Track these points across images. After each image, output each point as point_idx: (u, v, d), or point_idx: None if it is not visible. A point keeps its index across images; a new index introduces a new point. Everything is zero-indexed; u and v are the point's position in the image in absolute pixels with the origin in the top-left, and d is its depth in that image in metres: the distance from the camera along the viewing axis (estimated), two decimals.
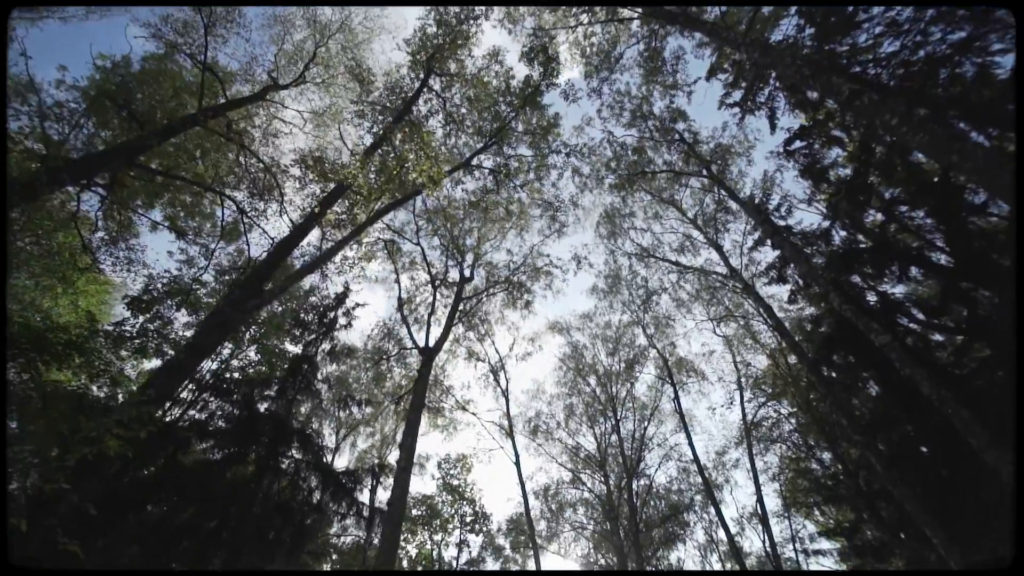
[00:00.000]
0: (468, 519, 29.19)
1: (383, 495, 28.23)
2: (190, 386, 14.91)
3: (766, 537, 18.35)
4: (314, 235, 14.50)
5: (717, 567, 31.76)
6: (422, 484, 57.87)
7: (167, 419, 10.57)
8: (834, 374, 14.91)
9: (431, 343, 14.48)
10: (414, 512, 29.04)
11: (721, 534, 28.31)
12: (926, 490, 10.70)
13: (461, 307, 17.14)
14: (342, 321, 15.64)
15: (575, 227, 20.50)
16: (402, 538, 29.43)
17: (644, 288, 21.08)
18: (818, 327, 14.69)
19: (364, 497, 17.65)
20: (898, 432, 12.79)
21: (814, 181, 14.91)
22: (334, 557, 26.35)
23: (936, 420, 11.26)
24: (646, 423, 25.89)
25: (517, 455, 21.09)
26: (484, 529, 29.14)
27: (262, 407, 11.71)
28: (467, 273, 17.84)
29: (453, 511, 29.32)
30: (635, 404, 27.11)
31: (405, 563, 28.42)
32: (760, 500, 18.49)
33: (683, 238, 20.80)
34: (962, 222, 12.61)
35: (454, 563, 27.47)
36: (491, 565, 30.79)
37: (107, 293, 20.39)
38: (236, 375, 16.41)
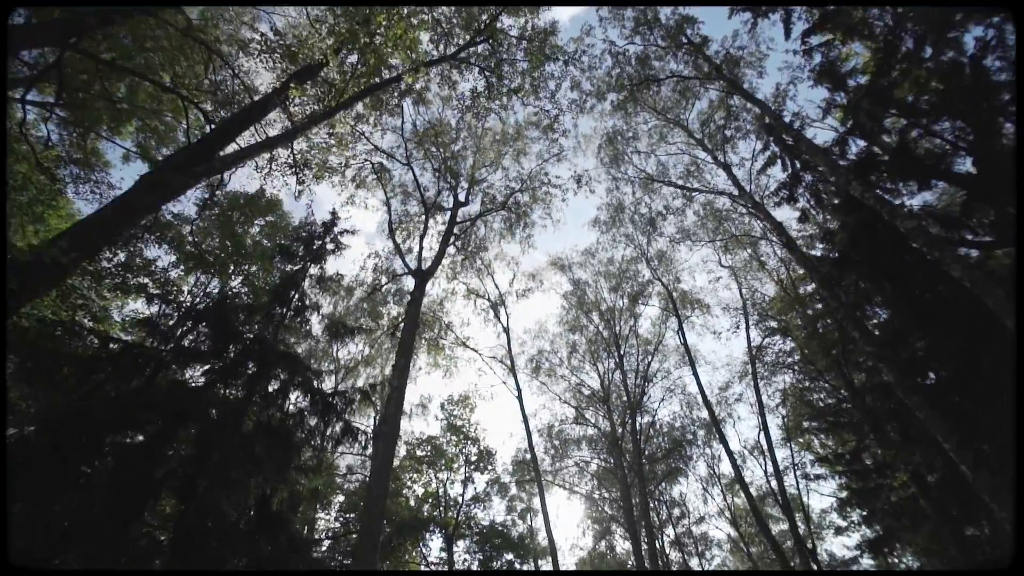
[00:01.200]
0: (473, 458, 29.52)
1: None
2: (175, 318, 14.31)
3: (770, 463, 18.37)
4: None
5: (719, 499, 32.56)
6: (425, 425, 58.96)
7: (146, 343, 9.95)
8: (843, 297, 14.33)
9: (424, 267, 13.82)
10: (419, 452, 29.36)
11: (723, 467, 28.71)
12: (940, 397, 10.29)
13: (456, 231, 16.36)
14: (330, 247, 14.94)
15: (575, 153, 19.49)
16: (408, 478, 29.94)
17: (648, 215, 20.21)
18: (831, 243, 13.97)
19: (367, 430, 17.46)
20: (909, 350, 12.30)
21: (832, 83, 13.75)
22: (340, 499, 26.80)
23: (957, 323, 10.72)
24: (649, 358, 25.67)
25: (519, 389, 20.93)
26: (489, 467, 29.54)
27: (247, 331, 11.13)
28: (462, 197, 16.97)
29: (457, 450, 29.62)
30: (638, 340, 26.84)
31: (412, 502, 28.92)
32: (764, 426, 18.38)
33: (689, 162, 19.75)
34: (992, 119, 11.64)
35: (460, 499, 27.97)
36: (497, 502, 31.43)
37: None
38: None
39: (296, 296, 13.29)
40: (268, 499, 7.81)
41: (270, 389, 10.71)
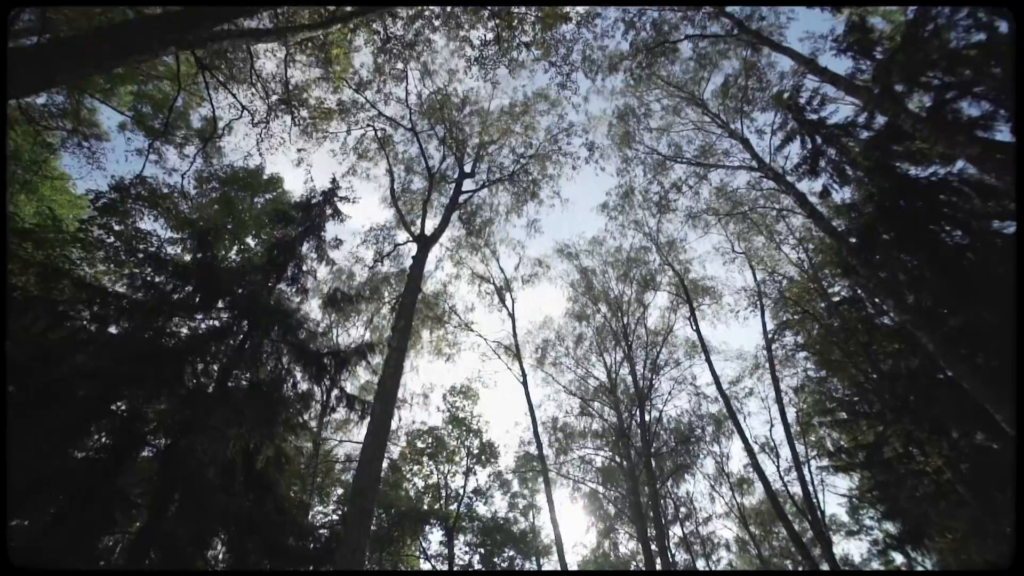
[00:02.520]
0: (475, 450, 28.79)
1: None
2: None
3: (787, 451, 17.53)
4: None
5: (727, 496, 31.58)
6: (427, 415, 58.24)
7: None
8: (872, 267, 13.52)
9: (427, 232, 13.14)
10: (419, 444, 28.61)
11: (733, 465, 27.79)
12: (990, 364, 9.48)
13: (461, 200, 15.68)
14: (329, 212, 14.30)
15: (585, 132, 18.81)
16: (408, 470, 29.15)
17: (660, 193, 19.45)
18: (857, 213, 13.21)
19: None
20: (948, 322, 11.47)
21: (860, 46, 13.02)
22: (339, 491, 25.95)
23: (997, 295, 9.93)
24: (658, 348, 24.86)
25: (524, 375, 20.16)
26: (492, 460, 28.78)
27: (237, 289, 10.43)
28: (468, 169, 16.30)
29: (459, 443, 28.89)
30: (647, 331, 26.03)
31: (412, 494, 28.15)
32: (782, 412, 17.54)
33: (703, 144, 19.03)
34: None
35: (461, 492, 27.18)
36: (499, 498, 30.61)
37: (80, 208, 19.00)
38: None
39: (293, 263, 12.61)
40: (251, 455, 7.09)
41: (263, 354, 10.01)
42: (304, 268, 12.84)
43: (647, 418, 24.74)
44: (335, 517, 25.35)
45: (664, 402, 26.66)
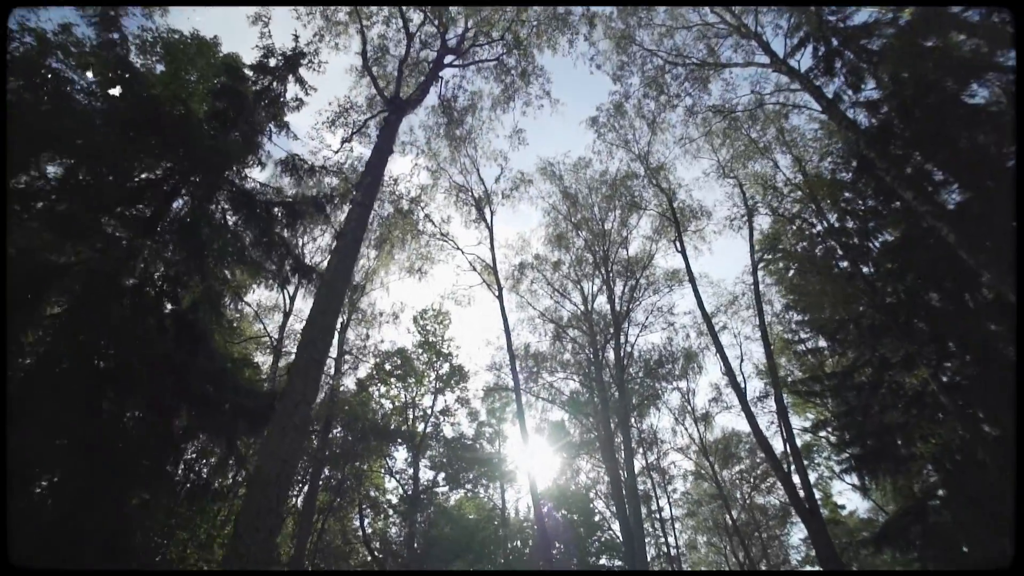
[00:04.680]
0: (444, 375, 28.21)
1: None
2: None
3: (769, 371, 17.30)
4: None
5: (691, 429, 32.25)
6: (396, 335, 57.31)
7: None
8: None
9: (402, 96, 11.52)
10: (387, 366, 27.77)
11: (697, 400, 27.90)
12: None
13: (441, 74, 13.90)
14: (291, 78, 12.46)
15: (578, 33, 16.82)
16: (375, 390, 28.40)
17: (656, 99, 17.95)
18: (876, 110, 12.19)
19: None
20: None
21: None
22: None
23: None
24: (638, 276, 24.15)
25: (500, 288, 19.16)
26: (461, 384, 28.29)
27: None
28: (452, 43, 14.34)
29: (428, 366, 28.23)
30: (628, 259, 25.25)
31: (380, 416, 27.48)
32: (764, 332, 17.13)
33: (709, 43, 17.46)
34: None
35: (428, 411, 26.71)
36: (466, 424, 30.31)
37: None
38: None
39: (243, 119, 10.84)
40: (173, 287, 5.77)
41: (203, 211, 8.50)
42: (258, 128, 11.14)
43: (623, 344, 24.37)
44: None
45: (638, 334, 26.31)
